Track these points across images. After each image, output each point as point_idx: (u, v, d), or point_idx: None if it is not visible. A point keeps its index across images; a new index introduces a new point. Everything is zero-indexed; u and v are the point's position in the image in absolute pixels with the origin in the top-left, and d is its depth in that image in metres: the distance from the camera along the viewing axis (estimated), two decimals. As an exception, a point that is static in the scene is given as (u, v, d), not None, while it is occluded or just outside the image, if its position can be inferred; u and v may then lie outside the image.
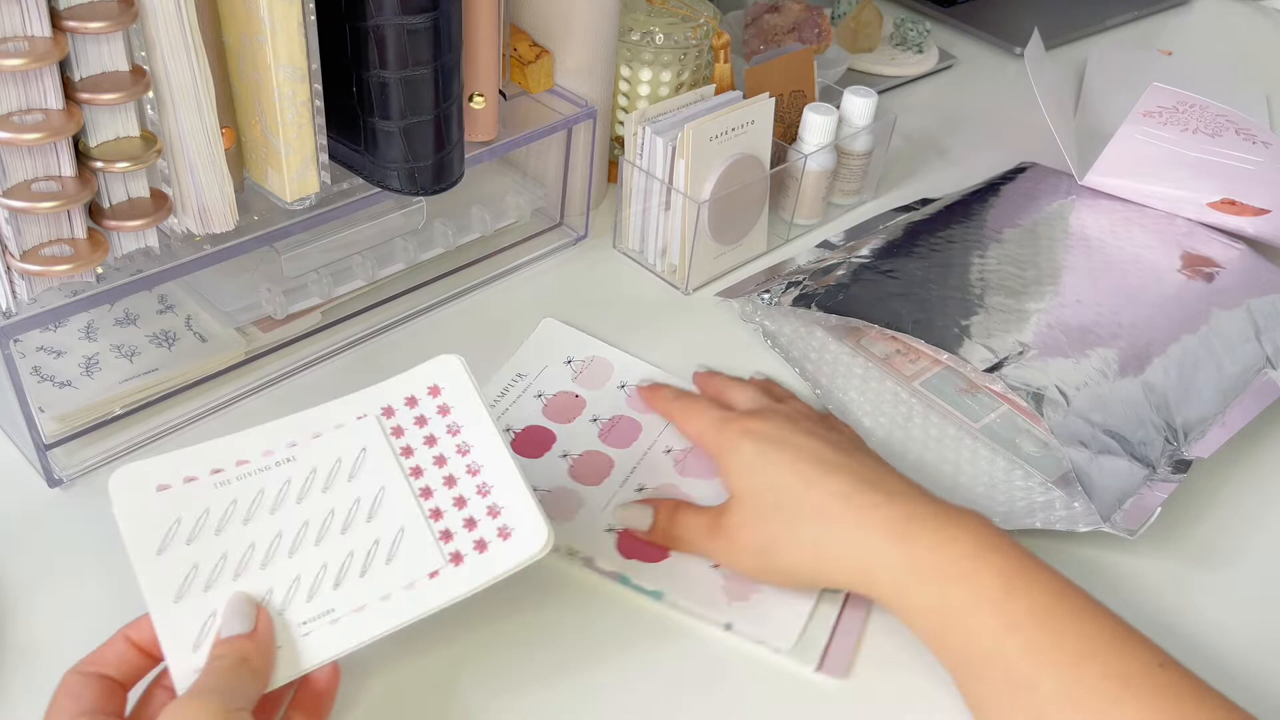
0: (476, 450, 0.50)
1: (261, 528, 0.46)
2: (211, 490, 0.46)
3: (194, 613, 0.44)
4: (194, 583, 0.45)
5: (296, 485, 0.47)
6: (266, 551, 0.46)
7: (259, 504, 0.47)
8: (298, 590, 0.45)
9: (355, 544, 0.47)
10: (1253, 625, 0.56)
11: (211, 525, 0.46)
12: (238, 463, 0.47)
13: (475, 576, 0.47)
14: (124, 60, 0.48)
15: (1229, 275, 0.74)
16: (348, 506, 0.47)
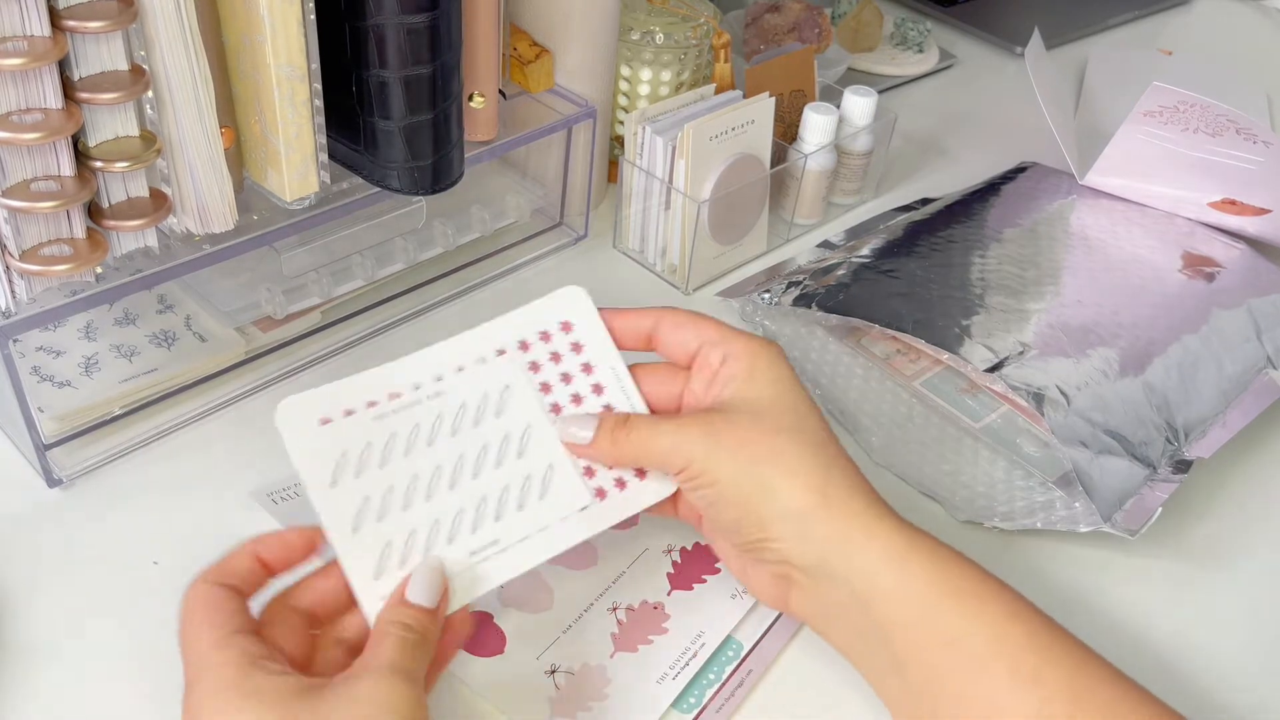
0: (609, 390, 0.52)
1: (421, 461, 0.48)
2: (370, 424, 0.48)
3: (372, 542, 0.46)
4: (367, 513, 0.46)
5: (448, 420, 0.49)
6: (429, 484, 0.47)
7: (416, 437, 0.48)
8: (462, 521, 0.47)
9: (510, 479, 0.49)
10: (1253, 625, 0.56)
11: (375, 459, 0.47)
12: (390, 396, 0.48)
13: (618, 511, 0.50)
14: (123, 60, 0.48)
15: (1230, 275, 0.74)
16: (498, 442, 0.49)
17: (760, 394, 0.49)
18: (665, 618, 0.52)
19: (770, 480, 0.46)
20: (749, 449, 0.47)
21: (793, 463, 0.47)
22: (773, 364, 0.50)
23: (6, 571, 0.52)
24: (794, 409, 0.48)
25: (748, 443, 0.47)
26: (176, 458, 0.59)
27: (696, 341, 0.51)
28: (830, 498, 0.46)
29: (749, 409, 0.48)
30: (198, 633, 0.41)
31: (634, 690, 0.49)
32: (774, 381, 0.49)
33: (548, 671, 0.50)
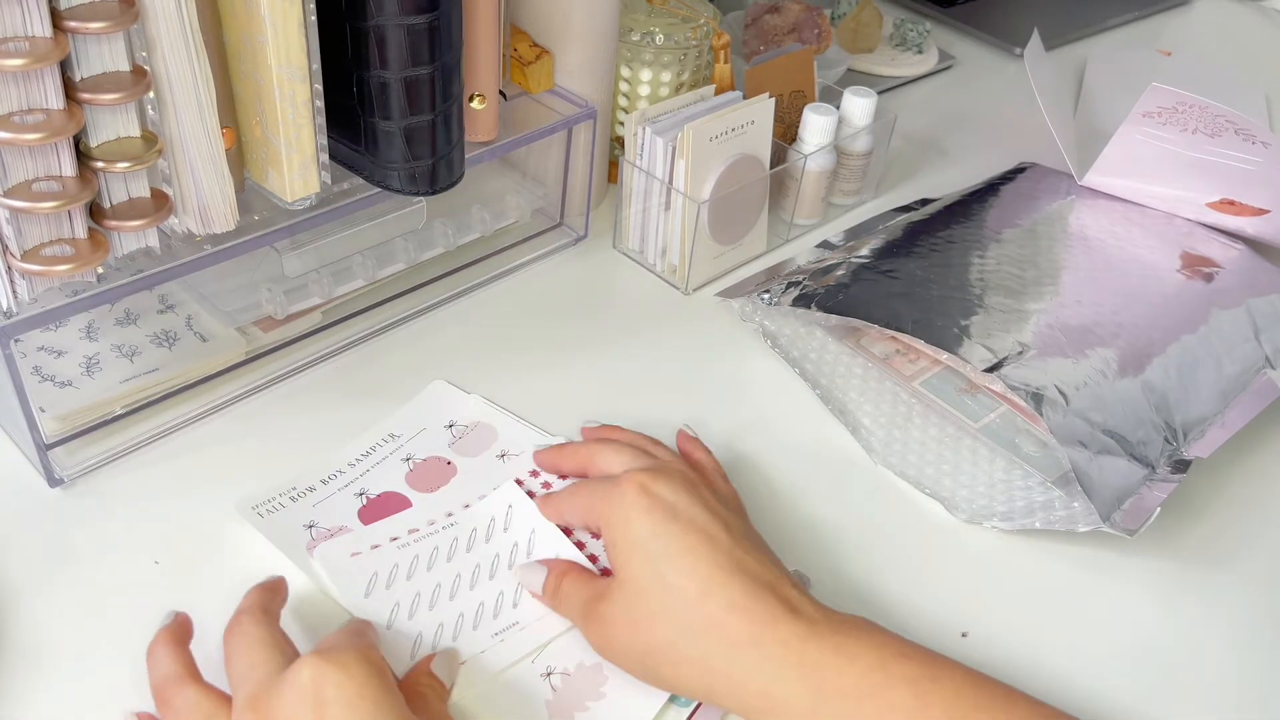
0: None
1: (442, 572, 0.54)
2: (396, 551, 0.54)
3: (403, 638, 0.51)
4: (399, 614, 0.51)
5: (463, 541, 0.55)
6: (451, 588, 0.53)
7: (436, 557, 0.54)
8: (484, 612, 0.52)
9: (500, 591, 0.54)
10: (1252, 625, 0.56)
11: (403, 574, 0.53)
12: (409, 531, 0.55)
13: None
14: (125, 60, 0.48)
15: (1228, 275, 0.74)
16: (508, 549, 0.55)
17: (633, 571, 0.48)
18: None
19: (663, 672, 0.47)
20: (633, 645, 0.48)
21: (676, 651, 0.46)
22: (627, 524, 0.49)
23: (7, 571, 0.52)
24: (660, 584, 0.47)
25: (630, 639, 0.48)
26: (178, 458, 0.59)
27: (579, 521, 0.55)
28: (722, 668, 0.46)
29: (624, 589, 0.48)
30: (270, 639, 0.45)
31: (631, 689, 0.49)
32: (631, 552, 0.48)
33: (543, 675, 0.50)
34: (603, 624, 0.48)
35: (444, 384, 0.65)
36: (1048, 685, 0.52)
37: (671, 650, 0.47)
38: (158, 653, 0.46)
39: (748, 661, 0.45)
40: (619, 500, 0.50)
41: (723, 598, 0.46)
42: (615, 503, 0.50)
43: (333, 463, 0.59)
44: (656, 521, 0.48)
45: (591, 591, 0.50)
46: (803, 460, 0.63)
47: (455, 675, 0.49)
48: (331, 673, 0.42)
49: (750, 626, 0.46)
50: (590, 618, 0.49)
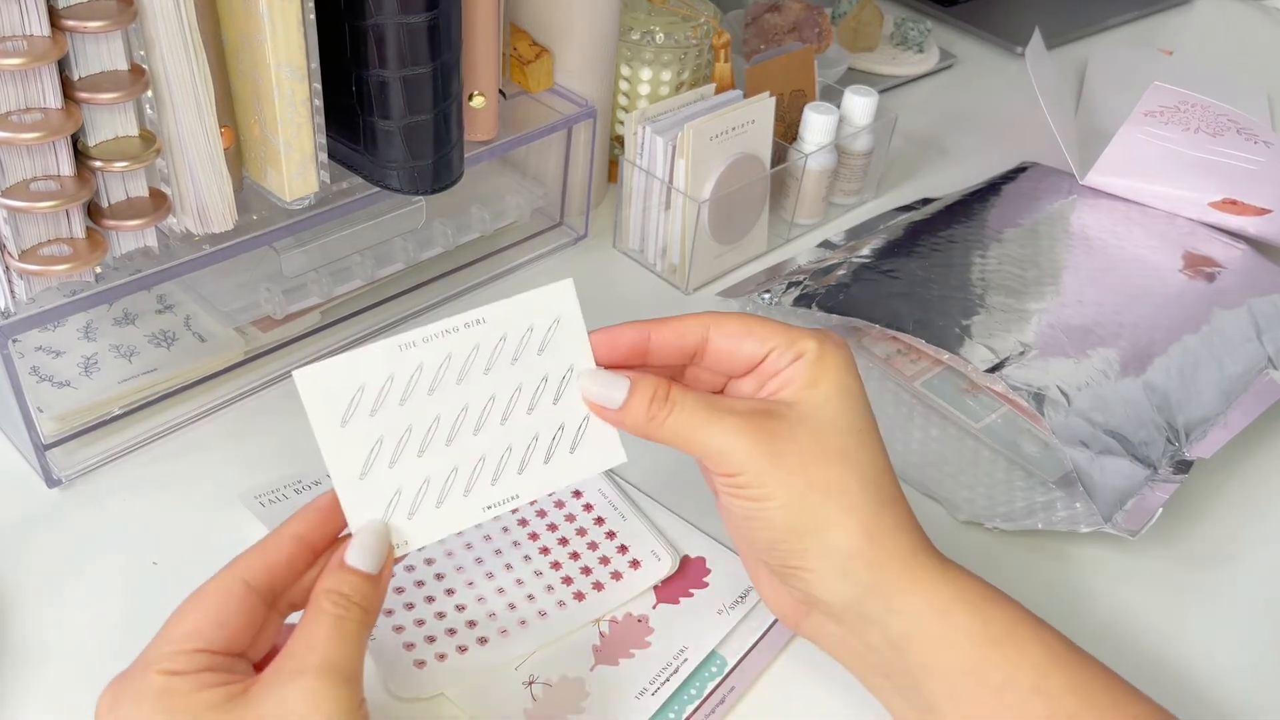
0: None
1: (447, 399, 0.44)
2: (396, 354, 0.43)
3: (380, 490, 0.43)
4: (378, 458, 0.43)
5: (485, 352, 0.45)
6: (452, 427, 0.44)
7: (445, 370, 0.44)
8: (482, 471, 0.44)
9: (540, 426, 0.45)
10: (1254, 625, 0.56)
11: (395, 394, 0.43)
12: (422, 339, 0.44)
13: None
14: (123, 59, 0.48)
15: (1230, 275, 0.74)
16: (535, 383, 0.45)
17: (824, 403, 0.44)
18: (649, 631, 0.52)
19: (823, 514, 0.43)
20: (807, 473, 0.43)
21: (850, 498, 0.43)
22: (841, 370, 0.45)
23: (6, 571, 0.52)
24: (856, 429, 0.44)
25: (807, 465, 0.43)
26: (176, 458, 0.59)
27: (763, 349, 0.45)
28: (877, 539, 0.43)
29: (811, 421, 0.44)
30: (165, 629, 0.40)
31: (612, 705, 0.48)
32: (840, 392, 0.45)
33: (525, 682, 0.49)
34: (774, 439, 0.43)
35: None
36: (1049, 687, 0.52)
37: (846, 496, 0.43)
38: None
39: (902, 551, 0.44)
40: (832, 344, 0.45)
41: (897, 488, 0.45)
42: (828, 343, 0.45)
43: None
44: (864, 391, 0.46)
45: (742, 408, 0.44)
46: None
47: (382, 558, 0.42)
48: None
49: (914, 534, 0.45)
50: (752, 432, 0.43)
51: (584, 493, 0.57)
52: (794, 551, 0.44)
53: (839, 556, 0.43)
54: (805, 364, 0.45)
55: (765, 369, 0.46)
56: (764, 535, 0.44)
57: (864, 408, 0.45)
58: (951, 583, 0.44)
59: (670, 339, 0.46)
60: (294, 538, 0.42)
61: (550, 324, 0.46)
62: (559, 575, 0.53)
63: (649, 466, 0.59)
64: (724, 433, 0.43)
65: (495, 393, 0.45)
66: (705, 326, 0.46)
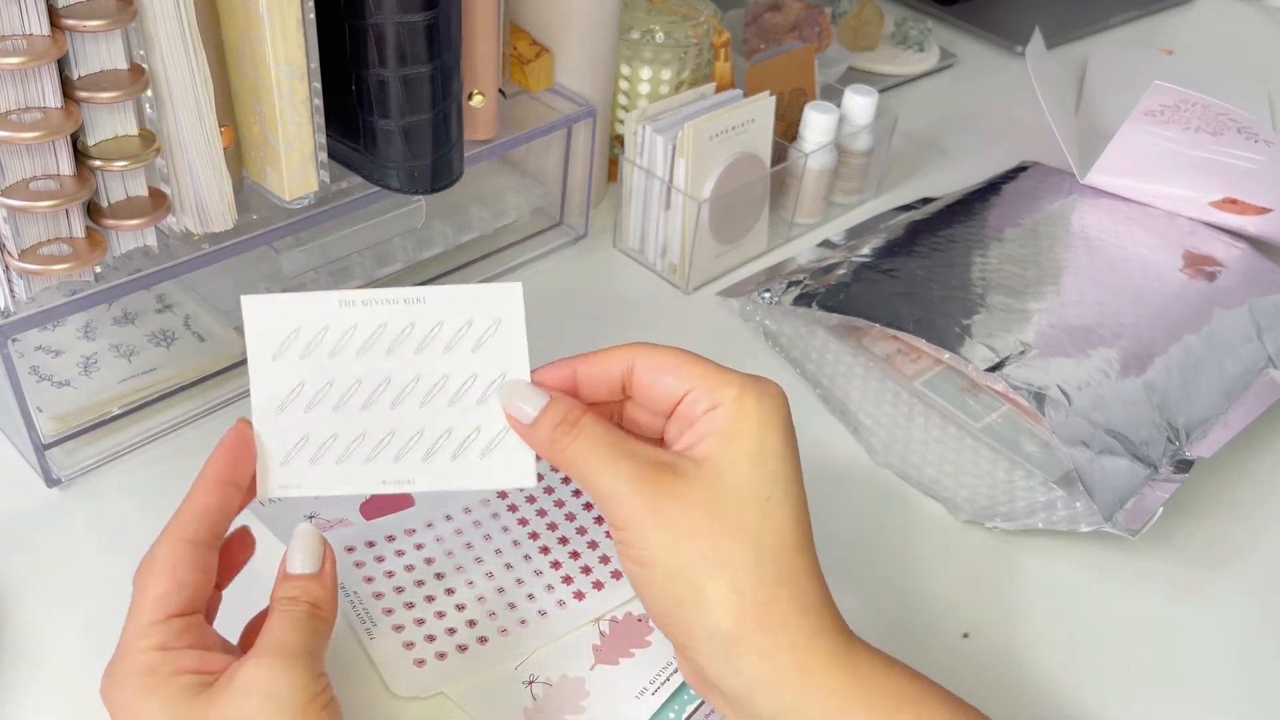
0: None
1: (372, 365, 0.44)
2: (335, 309, 0.44)
3: (291, 428, 0.44)
4: (297, 399, 0.44)
5: (420, 331, 0.44)
6: (371, 393, 0.44)
7: (377, 339, 0.44)
8: (389, 445, 0.44)
9: (456, 422, 0.45)
10: (1255, 625, 0.56)
11: (327, 345, 0.44)
12: (366, 300, 0.44)
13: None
14: (122, 59, 0.48)
15: (1231, 275, 0.74)
16: (464, 377, 0.45)
17: (732, 465, 0.40)
18: (649, 631, 0.52)
19: (705, 590, 0.39)
20: (696, 544, 0.39)
21: (738, 576, 0.39)
22: (761, 426, 0.41)
23: (5, 571, 0.52)
24: (763, 497, 0.40)
25: (697, 534, 0.39)
26: (176, 457, 0.59)
27: (681, 388, 0.42)
28: (767, 625, 0.39)
29: (713, 484, 0.40)
30: (134, 606, 0.41)
31: (612, 704, 0.48)
32: (754, 453, 0.41)
33: (525, 682, 0.49)
34: (666, 498, 0.40)
35: None
36: (1049, 686, 0.52)
37: (736, 574, 0.39)
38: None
39: (796, 639, 0.39)
40: (755, 395, 0.41)
41: (805, 564, 0.41)
42: (749, 394, 0.41)
43: None
44: (789, 452, 0.41)
45: (645, 455, 0.41)
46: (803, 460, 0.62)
47: (320, 556, 0.44)
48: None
49: (815, 617, 0.40)
50: (646, 485, 0.40)
51: (584, 492, 0.57)
52: (679, 629, 0.40)
53: (721, 639, 0.39)
54: (721, 416, 0.41)
55: (682, 413, 0.42)
56: (651, 606, 0.41)
57: (783, 471, 0.41)
58: (853, 677, 0.40)
59: (596, 371, 0.44)
60: (217, 483, 0.43)
61: (490, 324, 0.45)
62: (559, 575, 0.53)
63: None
64: (615, 478, 0.40)
65: (420, 374, 0.45)
66: (631, 358, 0.43)
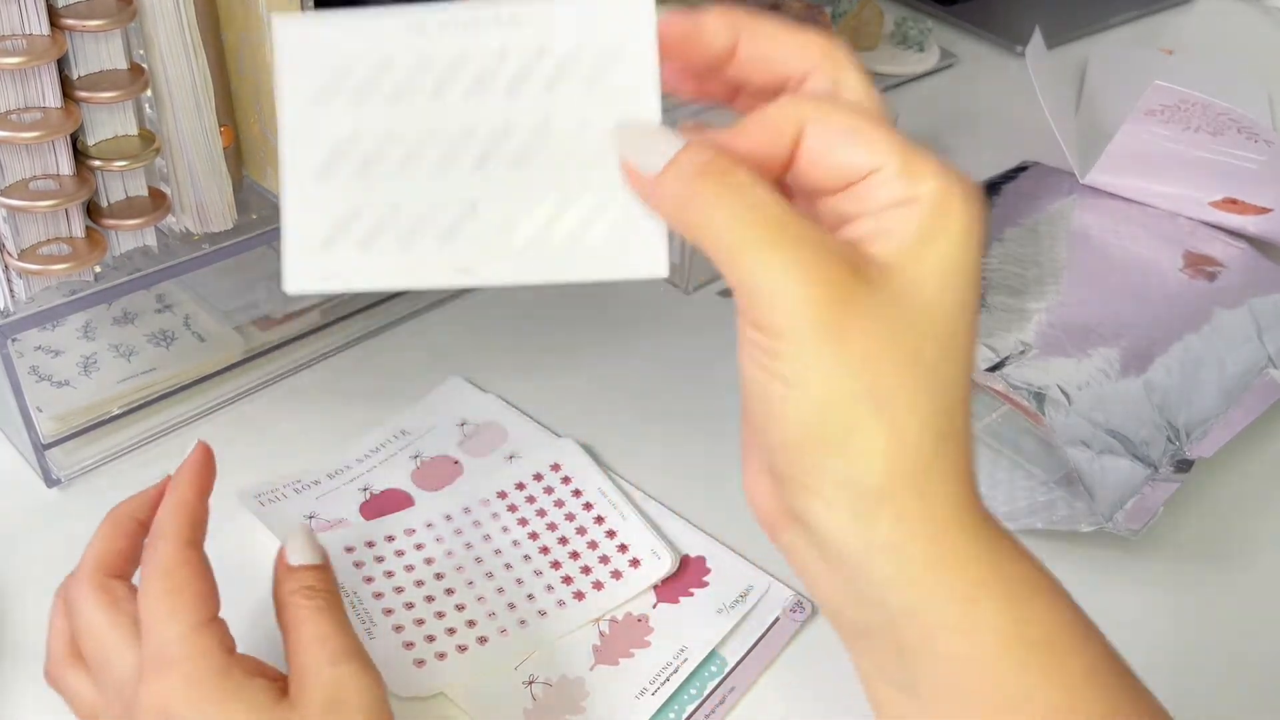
0: None
1: (452, 111, 0.33)
2: (402, 36, 0.33)
3: (338, 198, 0.33)
4: (347, 157, 0.33)
5: (514, 63, 0.33)
6: (446, 151, 0.33)
7: (458, 74, 0.33)
8: (472, 224, 0.33)
9: (562, 188, 0.33)
10: (1256, 625, 0.56)
11: (389, 86, 0.33)
12: (441, 24, 0.33)
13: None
14: (122, 58, 0.48)
15: (1231, 274, 0.74)
16: (571, 126, 0.33)
17: (923, 282, 0.32)
18: (649, 631, 0.52)
19: (861, 434, 0.31)
20: (864, 374, 0.31)
21: (904, 423, 0.31)
22: (962, 234, 0.32)
23: (5, 571, 0.52)
24: (949, 331, 0.32)
25: (867, 363, 0.31)
26: (175, 458, 0.58)
27: (867, 162, 0.32)
28: (918, 486, 0.32)
29: (899, 302, 0.31)
30: (174, 608, 0.38)
31: (612, 704, 0.48)
32: (950, 269, 0.32)
33: (525, 682, 0.49)
34: (847, 308, 0.30)
35: (461, 380, 0.64)
36: (1050, 686, 0.52)
37: (901, 420, 0.31)
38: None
39: (940, 508, 0.33)
40: (959, 191, 0.32)
41: (966, 420, 0.33)
42: (954, 188, 0.32)
43: (341, 458, 0.59)
44: (975, 272, 0.32)
45: (823, 242, 0.31)
46: (804, 460, 0.62)
47: (316, 548, 0.42)
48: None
49: (964, 485, 0.34)
50: (822, 288, 0.30)
51: (583, 491, 0.57)
52: (807, 466, 0.32)
53: (861, 493, 0.32)
54: (918, 213, 0.31)
55: (862, 195, 0.32)
56: (777, 430, 0.32)
57: (971, 300, 0.33)
58: (991, 562, 0.34)
59: (753, 133, 0.33)
60: (197, 490, 0.43)
61: (611, 49, 0.33)
62: (559, 575, 0.53)
63: (649, 465, 0.59)
64: (779, 268, 0.30)
65: (512, 123, 0.33)
66: (800, 119, 0.32)
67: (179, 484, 0.43)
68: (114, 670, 0.39)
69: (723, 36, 0.34)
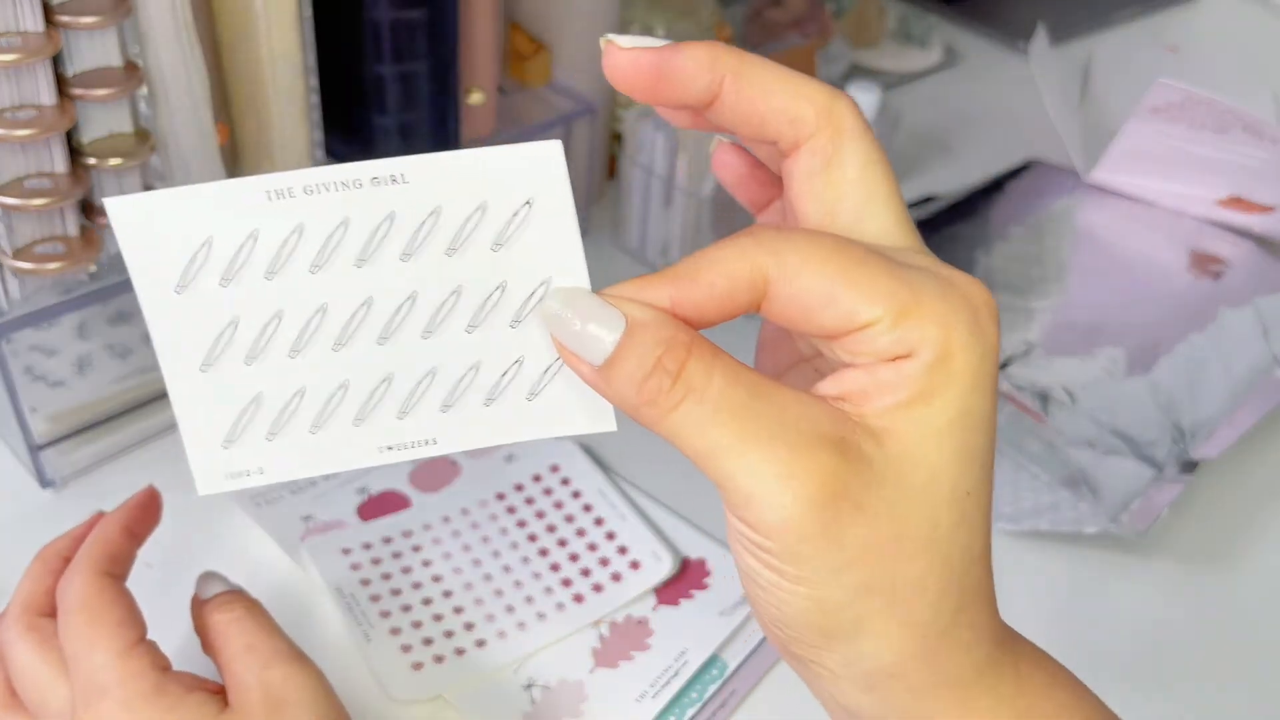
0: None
1: (341, 283, 0.29)
2: (265, 205, 0.29)
3: (231, 390, 0.30)
4: (232, 345, 0.29)
5: (405, 227, 0.29)
6: (346, 323, 0.29)
7: (340, 243, 0.29)
8: (387, 396, 0.30)
9: (485, 353, 0.30)
10: (1260, 625, 0.56)
11: (261, 260, 0.29)
12: (308, 188, 0.29)
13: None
14: (117, 55, 0.47)
15: (1237, 273, 0.73)
16: (483, 290, 0.30)
17: (929, 446, 0.28)
18: (649, 634, 0.51)
19: (871, 625, 0.28)
20: (868, 569, 0.28)
21: (916, 609, 0.28)
22: (975, 384, 0.28)
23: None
24: (961, 493, 0.28)
25: (871, 555, 0.28)
26: (170, 458, 0.58)
27: (856, 318, 0.27)
28: (934, 662, 0.29)
29: (901, 478, 0.28)
30: (94, 638, 0.38)
31: (612, 708, 0.48)
32: (957, 423, 0.28)
33: (524, 685, 0.49)
34: (840, 505, 0.27)
35: None
36: (1054, 690, 0.51)
37: (912, 606, 0.28)
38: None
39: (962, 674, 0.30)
40: (977, 329, 0.28)
41: (985, 576, 0.30)
42: (956, 333, 0.27)
43: None
44: (994, 415, 0.29)
45: (803, 427, 0.27)
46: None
47: (224, 579, 0.43)
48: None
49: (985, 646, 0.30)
50: (810, 486, 0.27)
51: (583, 493, 0.57)
52: (809, 646, 0.30)
53: (871, 671, 0.29)
54: (917, 368, 0.27)
55: (852, 346, 0.28)
56: (775, 612, 0.30)
57: (985, 448, 0.29)
58: (1021, 708, 0.31)
59: (704, 293, 0.28)
60: (123, 528, 0.44)
61: (516, 207, 0.29)
62: (558, 577, 0.53)
63: (649, 464, 0.59)
64: (762, 471, 0.27)
65: (418, 291, 0.30)
66: (763, 270, 0.28)
67: (105, 522, 0.43)
68: (51, 708, 0.39)
69: (701, 81, 0.29)
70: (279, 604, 0.49)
